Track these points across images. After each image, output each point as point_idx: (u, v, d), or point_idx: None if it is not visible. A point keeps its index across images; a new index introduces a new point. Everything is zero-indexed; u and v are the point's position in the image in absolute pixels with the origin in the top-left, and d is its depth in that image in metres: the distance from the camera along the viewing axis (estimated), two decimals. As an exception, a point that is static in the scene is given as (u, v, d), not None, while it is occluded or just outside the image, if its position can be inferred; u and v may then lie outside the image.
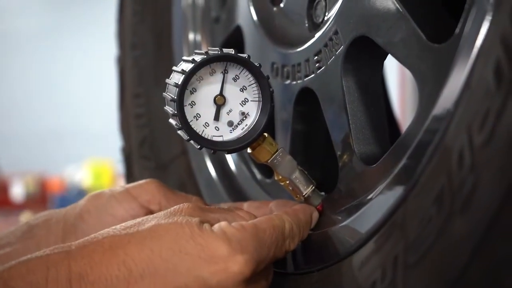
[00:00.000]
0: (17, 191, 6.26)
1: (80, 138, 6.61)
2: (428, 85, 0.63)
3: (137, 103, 1.11)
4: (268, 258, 0.66)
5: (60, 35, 6.72)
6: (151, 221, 0.65)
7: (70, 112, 6.68)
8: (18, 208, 5.95)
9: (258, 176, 0.93)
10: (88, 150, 6.34)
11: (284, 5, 0.88)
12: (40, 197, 6.19)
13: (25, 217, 5.65)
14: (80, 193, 5.86)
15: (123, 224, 0.66)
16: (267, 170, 0.92)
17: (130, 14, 1.14)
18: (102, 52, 6.37)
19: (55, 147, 6.62)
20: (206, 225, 0.64)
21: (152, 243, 0.62)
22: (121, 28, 1.17)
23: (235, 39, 0.97)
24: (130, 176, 1.12)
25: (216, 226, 0.64)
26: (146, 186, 0.82)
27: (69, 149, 6.54)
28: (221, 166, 0.97)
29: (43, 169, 6.33)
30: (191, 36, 1.06)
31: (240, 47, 0.92)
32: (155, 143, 1.08)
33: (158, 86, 1.08)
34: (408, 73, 0.67)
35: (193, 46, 1.05)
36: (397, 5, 0.66)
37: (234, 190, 0.94)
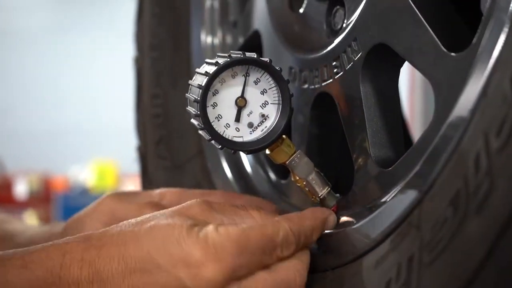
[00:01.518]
0: (21, 189, 6.28)
1: (86, 138, 6.64)
2: (445, 92, 0.65)
3: (155, 103, 1.14)
4: (252, 264, 0.69)
5: (67, 33, 6.75)
6: (153, 220, 0.71)
7: (76, 111, 6.70)
8: (21, 206, 5.98)
9: (273, 177, 0.95)
10: (93, 150, 6.37)
11: (303, 11, 0.91)
12: (43, 196, 6.21)
13: (29, 215, 5.68)
14: (84, 192, 5.89)
15: (133, 220, 0.72)
16: (282, 172, 0.94)
17: (149, 16, 1.16)
18: (109, 50, 6.41)
19: (60, 146, 6.65)
20: (196, 229, 0.69)
21: (147, 242, 0.69)
22: (139, 30, 1.20)
23: (253, 43, 0.99)
24: (145, 175, 1.15)
25: (203, 230, 0.69)
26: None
27: (74, 149, 6.57)
28: (236, 167, 1.00)
29: (48, 168, 6.35)
30: (209, 39, 1.09)
31: (258, 52, 0.94)
32: (171, 143, 1.11)
33: (176, 87, 1.11)
34: (418, 78, 0.70)
35: (211, 49, 1.08)
36: (416, 14, 0.69)
37: (249, 191, 0.96)
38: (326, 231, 0.75)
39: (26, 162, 6.44)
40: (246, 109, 0.76)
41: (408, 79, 2.52)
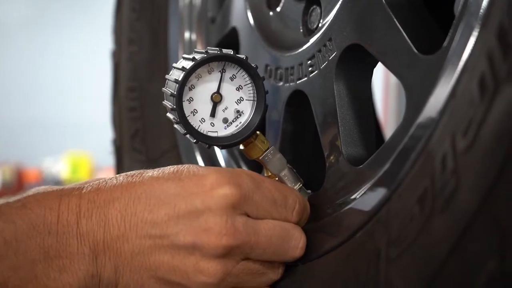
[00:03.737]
0: (-7, 180, 6.24)
1: (60, 130, 6.60)
2: (415, 93, 0.67)
3: (131, 96, 1.15)
4: (263, 207, 0.71)
5: (43, 26, 6.71)
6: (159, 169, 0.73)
7: (51, 104, 6.67)
8: (-6, 196, 5.93)
9: (247, 172, 0.96)
10: (67, 143, 6.34)
11: (280, 10, 0.92)
12: (16, 187, 6.18)
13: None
14: (57, 183, 5.85)
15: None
16: (256, 167, 0.96)
17: (128, 10, 1.17)
18: (84, 44, 6.39)
19: (34, 138, 6.61)
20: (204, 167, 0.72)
21: (154, 179, 0.71)
22: (117, 24, 1.20)
23: (230, 40, 1.00)
24: (120, 168, 1.16)
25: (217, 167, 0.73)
26: None
27: (48, 141, 6.53)
28: (211, 161, 1.01)
29: (21, 159, 6.32)
30: (186, 35, 1.10)
31: (235, 48, 0.96)
32: (147, 136, 1.12)
33: (152, 81, 1.12)
34: (392, 79, 0.72)
35: (188, 45, 1.09)
36: (390, 16, 0.70)
37: (223, 185, 0.97)
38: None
39: (0, 153, 6.40)
40: (221, 104, 0.77)
41: (383, 79, 2.55)
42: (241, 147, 0.80)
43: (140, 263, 0.69)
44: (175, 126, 0.79)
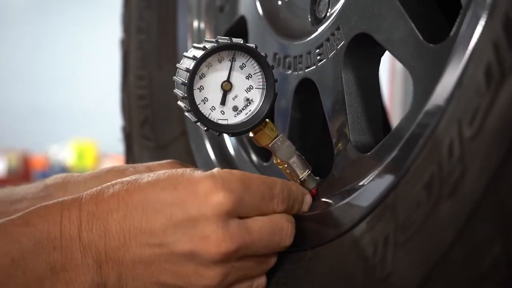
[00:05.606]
0: (0, 167, 6.27)
1: (66, 117, 6.62)
2: (422, 82, 0.68)
3: (140, 84, 1.16)
4: (253, 206, 0.73)
5: (48, 11, 6.71)
6: (153, 174, 0.74)
7: (57, 91, 6.68)
8: (0, 183, 5.97)
9: (255, 159, 0.98)
10: (73, 130, 6.36)
11: (289, -1, 0.93)
12: (22, 174, 6.20)
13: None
14: (63, 170, 5.87)
15: (131, 176, 0.75)
16: (264, 154, 0.97)
17: (137, -1, 1.18)
18: (93, 32, 6.40)
19: (40, 125, 6.63)
20: (199, 171, 0.73)
21: (149, 187, 0.72)
22: (126, 12, 1.22)
23: (239, 28, 1.01)
24: (130, 155, 1.18)
25: (206, 171, 0.73)
26: (167, 166, 0.88)
27: (54, 128, 6.55)
28: (219, 148, 1.02)
29: (27, 146, 6.34)
30: (195, 23, 1.11)
31: (243, 37, 0.97)
32: (156, 123, 1.13)
33: (161, 69, 1.14)
34: (398, 68, 0.73)
35: (197, 33, 1.10)
36: (397, 5, 0.71)
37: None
38: (305, 213, 0.78)
39: (6, 140, 6.42)
40: (231, 93, 0.78)
41: (389, 68, 2.56)
42: (251, 134, 0.81)
43: (142, 271, 0.71)
44: (186, 114, 0.80)
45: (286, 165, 0.81)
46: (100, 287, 0.71)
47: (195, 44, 0.80)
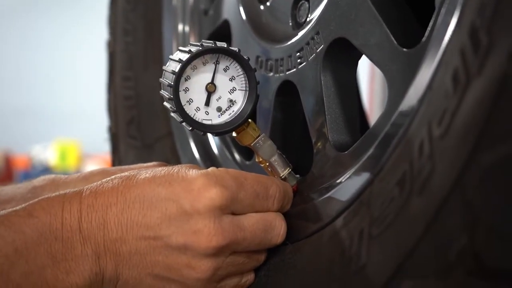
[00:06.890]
0: (-18, 166, 6.25)
1: (49, 117, 6.62)
2: (396, 84, 0.72)
3: (126, 85, 1.19)
4: (247, 203, 0.76)
5: (32, 12, 6.70)
6: (150, 170, 0.78)
7: (40, 91, 6.67)
8: (-18, 183, 5.93)
9: (238, 158, 1.02)
10: (56, 130, 6.35)
11: (271, 4, 0.97)
12: (5, 173, 6.19)
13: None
14: (45, 171, 5.87)
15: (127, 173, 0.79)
16: (247, 153, 1.01)
17: (123, 1, 1.21)
18: (77, 34, 6.40)
19: (23, 125, 6.62)
20: (194, 169, 0.77)
21: (146, 182, 0.76)
22: (112, 14, 1.25)
23: (222, 32, 1.05)
24: (116, 153, 1.21)
25: (201, 170, 0.77)
26: (152, 167, 0.91)
27: (37, 128, 6.54)
28: (204, 148, 1.06)
29: (10, 146, 6.33)
30: (180, 26, 1.14)
31: (226, 40, 1.00)
32: (142, 123, 1.16)
33: (147, 71, 1.17)
34: (377, 72, 0.77)
35: (182, 36, 1.13)
36: (373, 12, 0.75)
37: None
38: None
39: (-12, 139, 6.41)
40: (215, 94, 0.82)
41: (369, 71, 2.61)
42: (234, 134, 0.85)
43: (137, 262, 0.75)
44: (172, 114, 0.83)
45: (267, 164, 0.85)
46: (98, 276, 0.74)
47: (180, 48, 0.84)
